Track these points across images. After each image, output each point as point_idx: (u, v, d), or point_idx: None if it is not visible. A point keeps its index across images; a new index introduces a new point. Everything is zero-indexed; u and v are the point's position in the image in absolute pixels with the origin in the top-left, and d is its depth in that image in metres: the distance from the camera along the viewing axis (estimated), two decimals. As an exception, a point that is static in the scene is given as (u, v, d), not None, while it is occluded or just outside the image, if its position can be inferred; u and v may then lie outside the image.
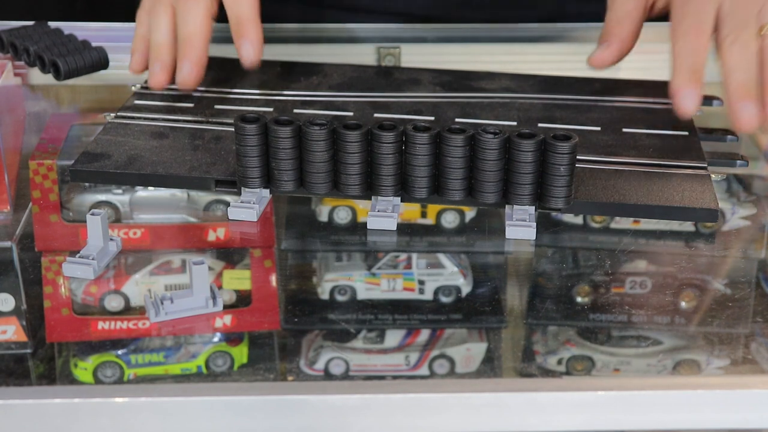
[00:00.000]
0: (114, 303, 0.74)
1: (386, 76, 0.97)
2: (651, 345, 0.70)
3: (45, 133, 0.89)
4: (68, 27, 1.01)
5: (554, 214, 0.79)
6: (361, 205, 0.82)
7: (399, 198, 0.76)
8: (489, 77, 0.96)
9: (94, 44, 0.98)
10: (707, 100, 0.90)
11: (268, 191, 0.78)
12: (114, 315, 0.73)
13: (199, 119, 0.87)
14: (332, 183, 0.76)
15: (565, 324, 0.72)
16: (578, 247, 0.81)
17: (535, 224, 0.75)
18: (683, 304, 0.74)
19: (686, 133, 0.86)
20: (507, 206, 0.76)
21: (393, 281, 0.76)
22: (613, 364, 0.69)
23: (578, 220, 0.82)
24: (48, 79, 0.96)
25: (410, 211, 0.82)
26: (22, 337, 0.71)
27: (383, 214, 0.76)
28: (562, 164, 0.72)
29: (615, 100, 0.93)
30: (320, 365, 0.68)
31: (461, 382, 0.68)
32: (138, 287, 0.75)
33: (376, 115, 0.88)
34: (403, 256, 0.78)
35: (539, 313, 0.74)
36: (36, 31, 0.99)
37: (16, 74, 0.96)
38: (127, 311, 0.73)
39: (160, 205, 0.82)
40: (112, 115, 0.87)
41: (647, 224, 0.82)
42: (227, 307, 0.72)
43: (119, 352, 0.69)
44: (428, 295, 0.75)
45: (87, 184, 0.82)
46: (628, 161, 0.82)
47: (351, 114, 0.89)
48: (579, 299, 0.74)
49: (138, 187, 0.82)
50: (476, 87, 0.94)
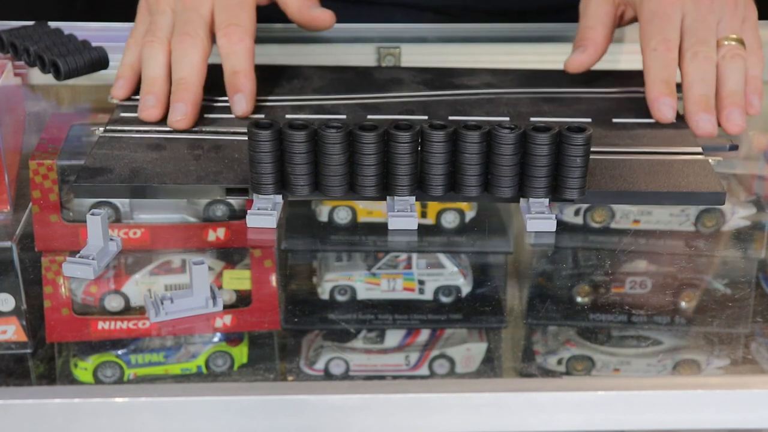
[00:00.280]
0: (114, 303, 0.74)
1: (367, 77, 0.97)
2: (651, 345, 0.70)
3: (45, 133, 0.89)
4: (68, 27, 1.01)
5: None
6: (361, 205, 0.82)
7: (414, 197, 0.77)
8: (469, 73, 0.97)
9: (94, 44, 0.98)
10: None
11: (281, 197, 0.77)
12: (114, 315, 0.73)
13: (194, 129, 0.86)
14: (348, 185, 0.76)
15: (565, 324, 0.72)
16: (578, 247, 0.81)
17: (555, 216, 0.76)
18: (683, 304, 0.74)
19: (674, 120, 0.88)
20: (522, 200, 0.76)
21: (393, 281, 0.76)
22: (613, 364, 0.69)
23: (578, 220, 0.82)
24: (48, 79, 0.96)
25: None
26: (22, 337, 0.71)
27: (403, 214, 0.76)
28: (578, 156, 0.74)
29: (599, 92, 0.94)
30: (320, 365, 0.68)
31: (461, 382, 0.68)
32: (138, 287, 0.75)
33: (370, 117, 0.89)
34: (403, 256, 0.78)
35: (539, 313, 0.74)
36: (36, 31, 0.99)
37: (16, 74, 0.96)
38: (127, 311, 0.73)
39: (160, 205, 0.81)
40: (102, 129, 0.86)
41: (647, 224, 0.82)
42: (227, 307, 0.72)
43: (119, 352, 0.69)
44: (428, 295, 0.75)
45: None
46: (628, 150, 0.84)
47: (344, 116, 0.89)
48: (579, 299, 0.74)
49: None
50: (458, 83, 0.95)
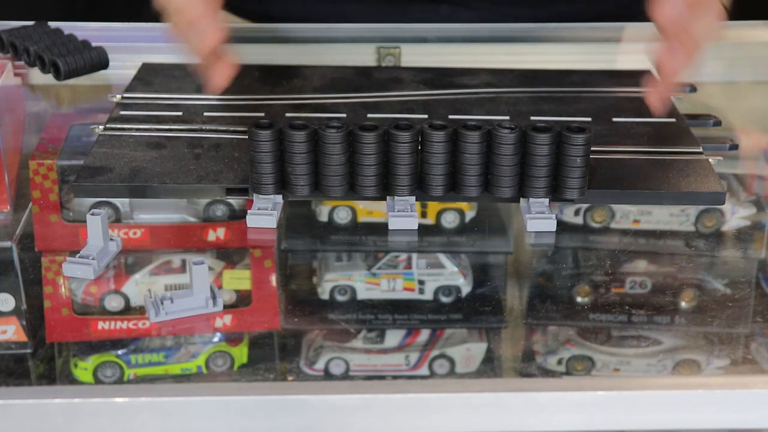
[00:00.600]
0: (114, 303, 0.74)
1: (367, 76, 0.97)
2: (651, 345, 0.70)
3: (45, 133, 0.89)
4: (68, 27, 1.01)
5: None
6: (361, 205, 0.82)
7: (414, 197, 0.77)
8: (469, 73, 0.97)
9: (94, 44, 0.98)
10: (683, 87, 0.94)
11: (281, 197, 0.77)
12: (114, 315, 0.73)
13: (194, 127, 0.86)
14: (348, 185, 0.76)
15: (565, 324, 0.72)
16: (578, 247, 0.81)
17: (555, 216, 0.76)
18: (683, 304, 0.74)
19: (674, 120, 0.88)
20: (522, 200, 0.76)
21: (393, 281, 0.76)
22: (613, 364, 0.69)
23: (578, 220, 0.82)
24: (48, 79, 0.96)
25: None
26: (22, 337, 0.71)
27: (403, 214, 0.76)
28: (579, 156, 0.74)
29: (598, 91, 0.94)
30: (320, 365, 0.68)
31: (461, 382, 0.68)
32: (138, 287, 0.75)
33: (370, 116, 0.88)
34: (403, 256, 0.78)
35: (539, 313, 0.74)
36: (36, 31, 0.99)
37: (16, 74, 0.96)
38: (127, 311, 0.73)
39: (160, 205, 0.81)
40: (101, 128, 0.85)
41: (647, 224, 0.82)
42: (227, 307, 0.72)
43: (119, 352, 0.69)
44: (428, 295, 0.75)
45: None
46: (628, 150, 0.83)
47: (344, 115, 0.88)
48: (579, 299, 0.74)
49: None
50: (458, 83, 0.95)
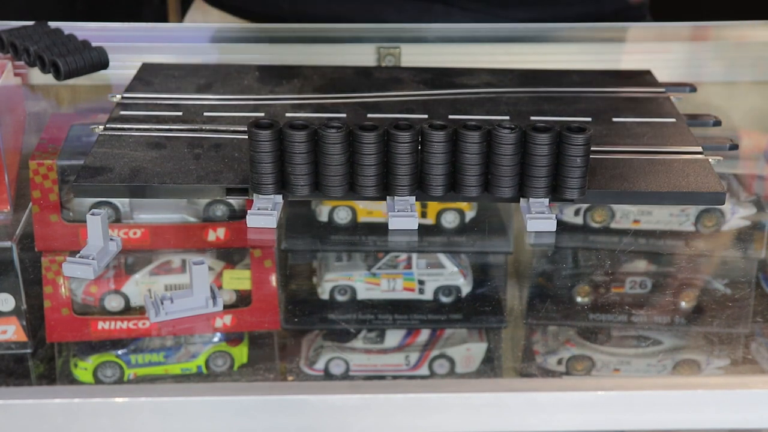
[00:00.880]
0: (114, 303, 0.74)
1: (367, 76, 0.97)
2: (651, 345, 0.70)
3: (45, 133, 0.89)
4: (68, 27, 1.01)
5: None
6: (361, 205, 0.82)
7: (414, 197, 0.77)
8: (468, 73, 0.97)
9: (94, 44, 0.98)
10: (682, 87, 0.95)
11: (281, 197, 0.77)
12: (114, 315, 0.73)
13: (194, 127, 0.86)
14: (348, 185, 0.75)
15: (565, 324, 0.72)
16: (578, 247, 0.81)
17: (555, 216, 0.76)
18: (683, 304, 0.74)
19: (674, 120, 0.88)
20: (522, 200, 0.76)
21: (393, 281, 0.76)
22: (613, 364, 0.69)
23: (578, 220, 0.82)
24: (48, 79, 0.96)
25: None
26: (22, 337, 0.71)
27: (404, 214, 0.76)
28: (579, 156, 0.73)
29: (598, 91, 0.94)
30: (320, 365, 0.68)
31: (461, 382, 0.68)
32: (138, 287, 0.75)
33: (370, 116, 0.88)
34: (403, 256, 0.78)
35: (539, 313, 0.74)
36: (36, 31, 0.99)
37: (16, 74, 0.96)
38: (127, 311, 0.73)
39: (160, 205, 0.81)
40: (101, 127, 0.85)
41: (647, 224, 0.82)
42: (227, 307, 0.72)
43: (119, 352, 0.69)
44: (428, 295, 0.75)
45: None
46: (628, 150, 0.83)
47: (344, 115, 0.88)
48: (579, 299, 0.74)
49: None
50: (458, 83, 0.95)
